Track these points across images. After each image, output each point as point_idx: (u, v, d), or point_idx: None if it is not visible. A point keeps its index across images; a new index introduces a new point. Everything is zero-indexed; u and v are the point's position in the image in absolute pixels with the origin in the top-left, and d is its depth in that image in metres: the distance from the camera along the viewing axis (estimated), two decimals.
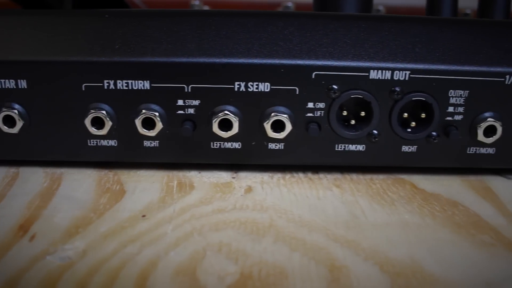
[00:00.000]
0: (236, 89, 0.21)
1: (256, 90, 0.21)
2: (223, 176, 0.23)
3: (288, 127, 0.21)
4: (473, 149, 0.23)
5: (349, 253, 0.18)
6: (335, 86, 0.21)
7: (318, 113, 0.22)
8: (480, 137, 0.22)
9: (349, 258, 0.18)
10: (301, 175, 0.23)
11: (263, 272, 0.17)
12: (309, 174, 0.23)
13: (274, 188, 0.22)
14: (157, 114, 0.21)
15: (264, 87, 0.21)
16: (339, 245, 0.18)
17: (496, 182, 0.24)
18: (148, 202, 0.21)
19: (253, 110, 0.21)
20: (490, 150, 0.23)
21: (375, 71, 0.21)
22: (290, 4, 0.37)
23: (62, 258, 0.17)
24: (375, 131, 0.22)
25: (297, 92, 0.21)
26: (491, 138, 0.22)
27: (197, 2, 0.36)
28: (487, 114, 0.22)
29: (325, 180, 0.23)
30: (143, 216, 0.20)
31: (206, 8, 0.38)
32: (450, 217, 0.20)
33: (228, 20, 0.22)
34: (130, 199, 0.21)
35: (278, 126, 0.21)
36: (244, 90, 0.21)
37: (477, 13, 0.29)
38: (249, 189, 0.22)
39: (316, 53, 0.21)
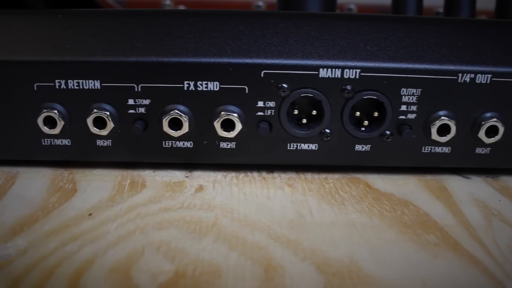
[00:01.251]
0: (185, 88, 0.21)
1: (206, 89, 0.21)
2: (177, 175, 0.23)
3: (238, 126, 0.21)
4: (428, 148, 0.23)
5: (288, 253, 0.18)
6: (284, 85, 0.21)
7: (269, 112, 0.21)
8: (434, 136, 0.22)
9: (287, 257, 0.17)
10: (255, 174, 0.23)
11: (198, 270, 0.17)
12: (264, 174, 0.23)
13: (226, 187, 0.22)
14: (108, 113, 0.21)
15: (213, 86, 0.21)
16: (279, 245, 0.18)
17: (453, 182, 0.23)
18: (97, 200, 0.21)
19: (203, 109, 0.21)
20: (446, 149, 0.23)
21: (325, 69, 0.21)
22: (260, 3, 0.37)
23: (2, 256, 0.17)
24: (327, 130, 0.22)
25: (247, 91, 0.21)
26: (445, 137, 0.22)
27: (168, 2, 0.36)
28: (441, 113, 0.22)
29: (279, 180, 0.23)
30: (90, 214, 0.20)
31: (181, 7, 0.38)
32: (398, 217, 0.20)
33: (179, 19, 0.22)
34: (80, 198, 0.21)
35: (228, 125, 0.22)
36: (193, 89, 0.21)
37: (444, 12, 0.28)
38: (200, 188, 0.22)
39: (265, 51, 0.21)
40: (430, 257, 0.18)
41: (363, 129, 0.22)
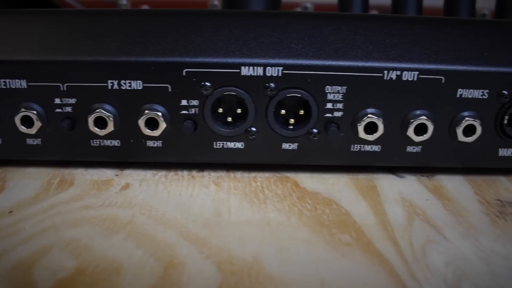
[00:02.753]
0: (109, 87, 0.21)
1: (129, 88, 0.21)
2: (107, 173, 0.23)
3: (162, 125, 0.21)
4: (357, 146, 0.22)
5: (194, 251, 0.18)
6: (207, 83, 0.21)
7: (193, 111, 0.21)
8: (362, 134, 0.22)
9: (191, 255, 0.17)
10: (185, 173, 0.23)
11: (99, 267, 0.17)
12: (194, 172, 0.23)
13: (152, 185, 0.22)
14: (35, 112, 0.21)
15: (137, 85, 0.21)
16: (187, 243, 0.18)
17: (385, 181, 0.23)
18: (22, 198, 0.21)
19: (128, 108, 0.21)
20: (376, 148, 0.22)
21: (246, 67, 0.21)
22: (216, 2, 0.37)
23: None
24: (253, 129, 0.22)
25: (170, 90, 0.21)
26: (373, 135, 0.22)
27: (124, 2, 0.36)
28: (368, 111, 0.21)
29: (207, 178, 0.23)
30: (10, 212, 0.20)
31: (145, 7, 0.38)
32: (317, 216, 0.20)
33: (103, 19, 0.22)
34: (6, 196, 0.21)
35: (154, 123, 0.22)
36: (117, 88, 0.21)
37: (391, 10, 0.28)
38: (126, 186, 0.22)
39: (187, 50, 0.21)
40: (338, 256, 0.18)
41: (289, 127, 0.22)
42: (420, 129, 0.22)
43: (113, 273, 0.16)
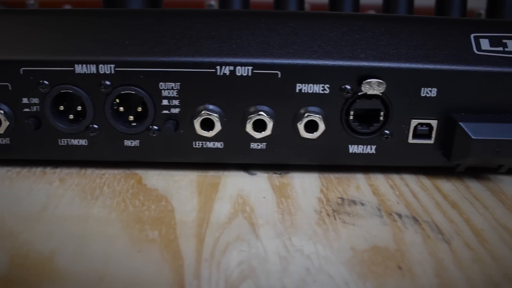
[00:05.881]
0: None
1: None
2: None
3: (5, 122, 0.22)
4: (198, 143, 0.22)
5: None
6: (45, 82, 0.21)
7: (34, 108, 0.22)
8: (199, 131, 0.21)
9: None
10: (39, 169, 0.24)
11: None
12: (48, 169, 0.24)
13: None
14: None
15: None
16: None
17: (232, 178, 0.23)
18: None
19: None
20: (218, 144, 0.22)
21: (80, 65, 0.21)
22: None
23: None
24: (94, 126, 0.22)
25: (10, 88, 0.22)
26: (210, 132, 0.21)
27: (31, 2, 0.37)
28: (204, 107, 0.21)
29: (56, 175, 0.23)
30: None
31: (67, 7, 0.39)
32: (139, 212, 0.20)
33: None
34: None
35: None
36: None
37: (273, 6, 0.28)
38: None
39: (24, 49, 0.21)
40: (133, 253, 0.18)
41: (133, 124, 0.22)
42: (262, 125, 0.21)
43: None
